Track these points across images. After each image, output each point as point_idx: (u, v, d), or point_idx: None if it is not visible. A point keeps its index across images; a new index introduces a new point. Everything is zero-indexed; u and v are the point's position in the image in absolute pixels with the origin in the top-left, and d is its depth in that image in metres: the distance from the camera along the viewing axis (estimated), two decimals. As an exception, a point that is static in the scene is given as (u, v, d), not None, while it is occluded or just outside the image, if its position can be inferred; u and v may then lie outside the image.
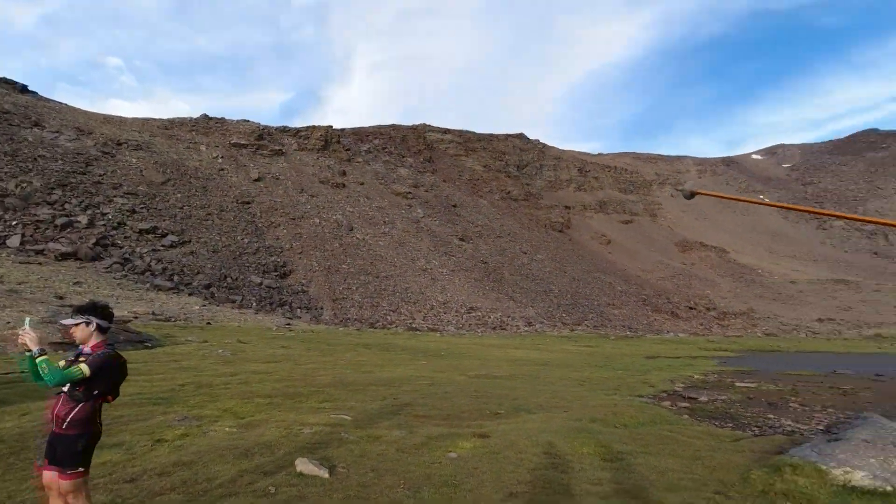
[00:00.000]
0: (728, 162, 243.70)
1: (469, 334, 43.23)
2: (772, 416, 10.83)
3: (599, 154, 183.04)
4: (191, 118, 74.99)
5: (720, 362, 27.09)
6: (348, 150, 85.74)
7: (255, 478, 5.26)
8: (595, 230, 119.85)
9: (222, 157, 67.53)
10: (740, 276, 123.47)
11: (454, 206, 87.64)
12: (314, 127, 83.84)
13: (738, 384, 17.01)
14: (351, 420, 8.04)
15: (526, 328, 50.85)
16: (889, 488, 4.98)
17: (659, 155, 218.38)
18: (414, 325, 45.12)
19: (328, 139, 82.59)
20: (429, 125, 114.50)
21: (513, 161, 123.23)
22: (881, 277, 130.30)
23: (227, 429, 7.09)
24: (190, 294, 37.49)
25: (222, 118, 76.99)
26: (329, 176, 75.37)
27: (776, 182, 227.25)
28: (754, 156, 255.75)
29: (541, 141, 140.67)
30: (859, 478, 5.08)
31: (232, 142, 72.00)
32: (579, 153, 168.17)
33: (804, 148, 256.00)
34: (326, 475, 5.39)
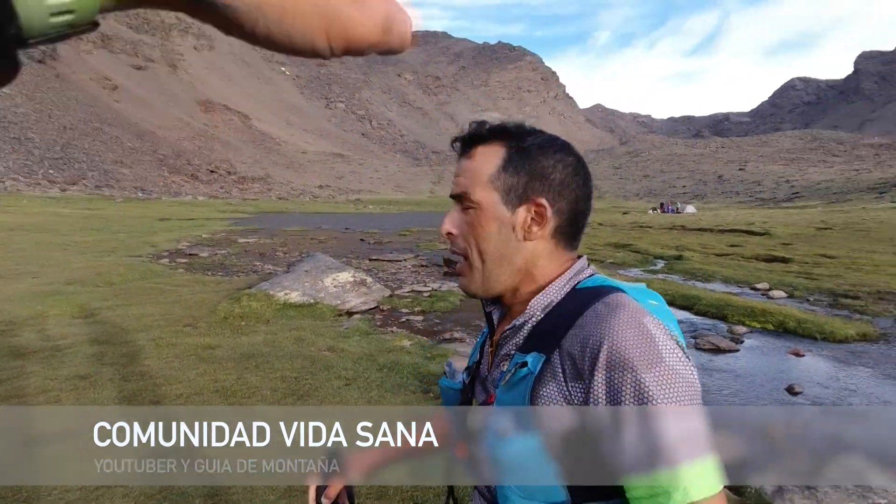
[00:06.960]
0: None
1: None
2: (258, 263, 12.72)
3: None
4: None
5: (232, 223, 28.99)
6: None
7: None
8: (96, 70, 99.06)
9: None
10: (260, 144, 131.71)
11: None
12: None
13: (240, 240, 18.85)
14: None
15: (-9, 187, 38.95)
16: (312, 301, 6.94)
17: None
18: None
19: None
20: None
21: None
22: (364, 153, 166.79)
23: None
24: None
25: None
26: None
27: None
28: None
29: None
30: (294, 297, 6.83)
31: None
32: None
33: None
34: None
